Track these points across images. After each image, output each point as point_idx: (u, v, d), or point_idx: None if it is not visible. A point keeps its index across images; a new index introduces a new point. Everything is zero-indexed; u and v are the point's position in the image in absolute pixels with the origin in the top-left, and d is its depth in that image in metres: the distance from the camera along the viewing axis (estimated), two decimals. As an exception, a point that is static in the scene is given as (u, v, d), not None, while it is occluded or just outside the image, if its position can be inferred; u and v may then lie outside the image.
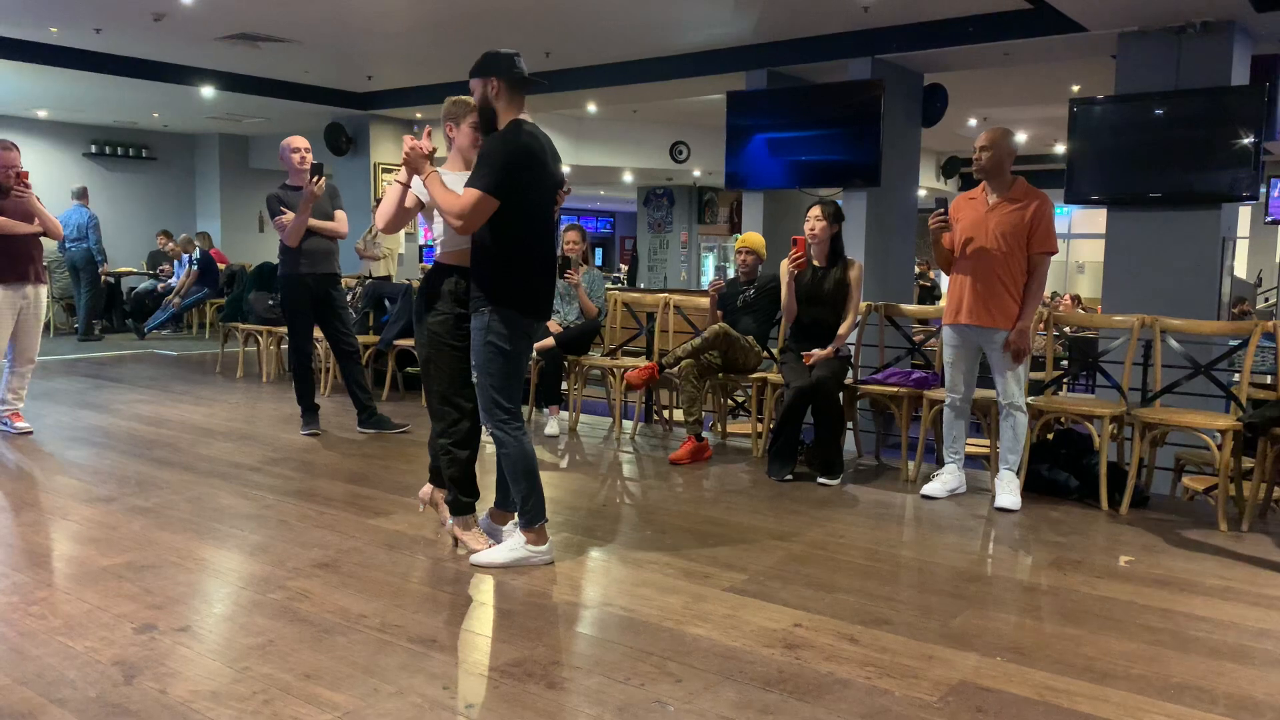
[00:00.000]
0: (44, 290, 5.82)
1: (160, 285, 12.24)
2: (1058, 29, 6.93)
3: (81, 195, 11.14)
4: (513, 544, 3.54)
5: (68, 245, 10.88)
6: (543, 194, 3.44)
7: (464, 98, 3.60)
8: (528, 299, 3.44)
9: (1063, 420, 4.91)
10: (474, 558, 3.56)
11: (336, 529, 3.97)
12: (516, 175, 3.30)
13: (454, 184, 3.42)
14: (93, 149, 13.54)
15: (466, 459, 3.67)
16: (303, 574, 3.42)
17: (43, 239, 5.77)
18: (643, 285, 18.05)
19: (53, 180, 12.24)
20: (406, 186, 3.60)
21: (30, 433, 5.72)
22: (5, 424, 5.75)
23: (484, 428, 3.54)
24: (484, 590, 3.33)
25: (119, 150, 13.79)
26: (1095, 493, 4.52)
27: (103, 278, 11.53)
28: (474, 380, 3.47)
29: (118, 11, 7.82)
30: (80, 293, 11.08)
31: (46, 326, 11.55)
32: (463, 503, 3.68)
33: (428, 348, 3.63)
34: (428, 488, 3.98)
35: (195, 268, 11.57)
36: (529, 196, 3.37)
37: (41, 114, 12.61)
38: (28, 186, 5.56)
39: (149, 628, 2.92)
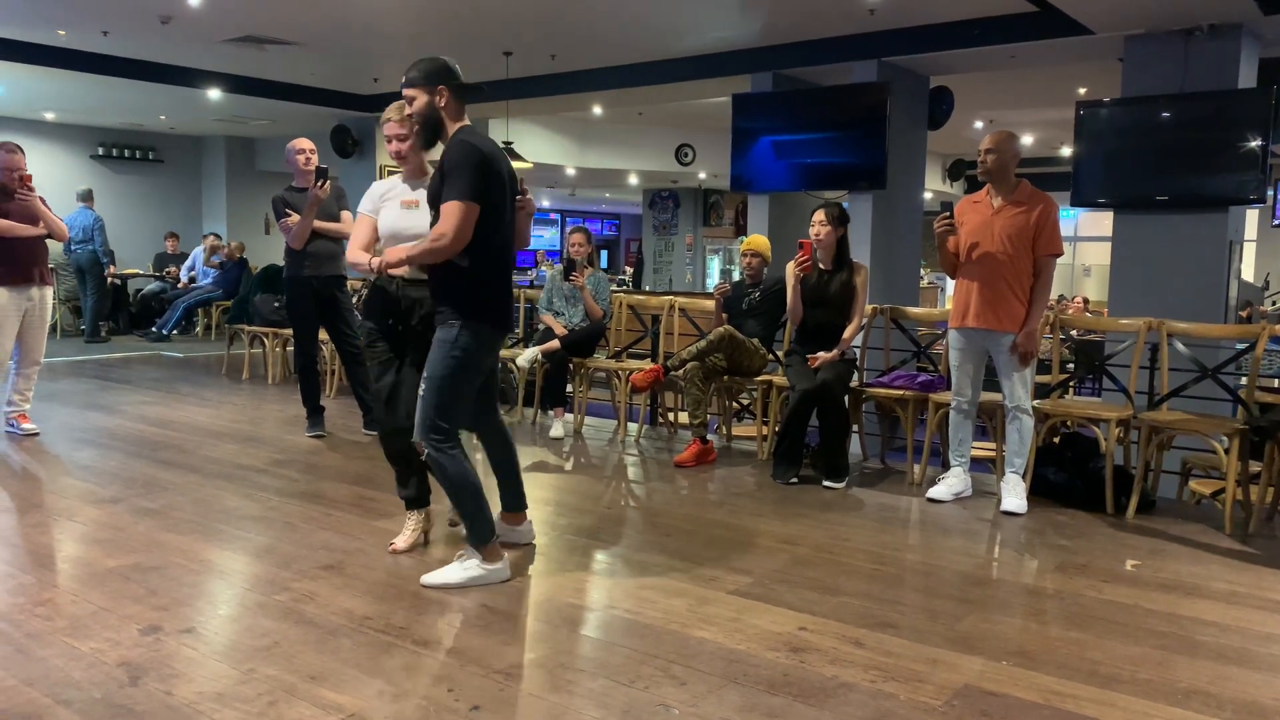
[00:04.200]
0: (49, 292, 5.83)
1: (184, 281, 12.26)
2: (1064, 32, 6.91)
3: (87, 197, 11.18)
4: (466, 564, 3.37)
5: (74, 247, 10.91)
6: (505, 200, 3.31)
7: None
8: (498, 313, 3.36)
9: (1069, 424, 4.90)
10: (425, 578, 3.37)
11: (341, 531, 3.98)
12: (485, 183, 3.18)
13: (419, 195, 3.45)
14: (100, 151, 13.58)
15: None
16: (308, 576, 3.42)
17: (49, 241, 5.79)
18: (648, 288, 18.05)
19: (60, 182, 12.27)
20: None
21: (37, 434, 5.73)
22: (12, 425, 5.77)
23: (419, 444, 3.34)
24: (488, 593, 3.33)
25: (126, 152, 13.83)
26: (1101, 497, 4.50)
27: (109, 280, 11.56)
28: (419, 393, 3.29)
29: (125, 14, 7.85)
30: (87, 295, 11.11)
31: (53, 328, 11.61)
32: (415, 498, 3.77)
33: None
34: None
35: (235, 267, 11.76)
36: (494, 204, 3.24)
37: (49, 116, 12.65)
38: (31, 189, 5.57)
39: (154, 629, 2.93)
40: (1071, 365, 7.88)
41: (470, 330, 3.25)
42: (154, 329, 11.59)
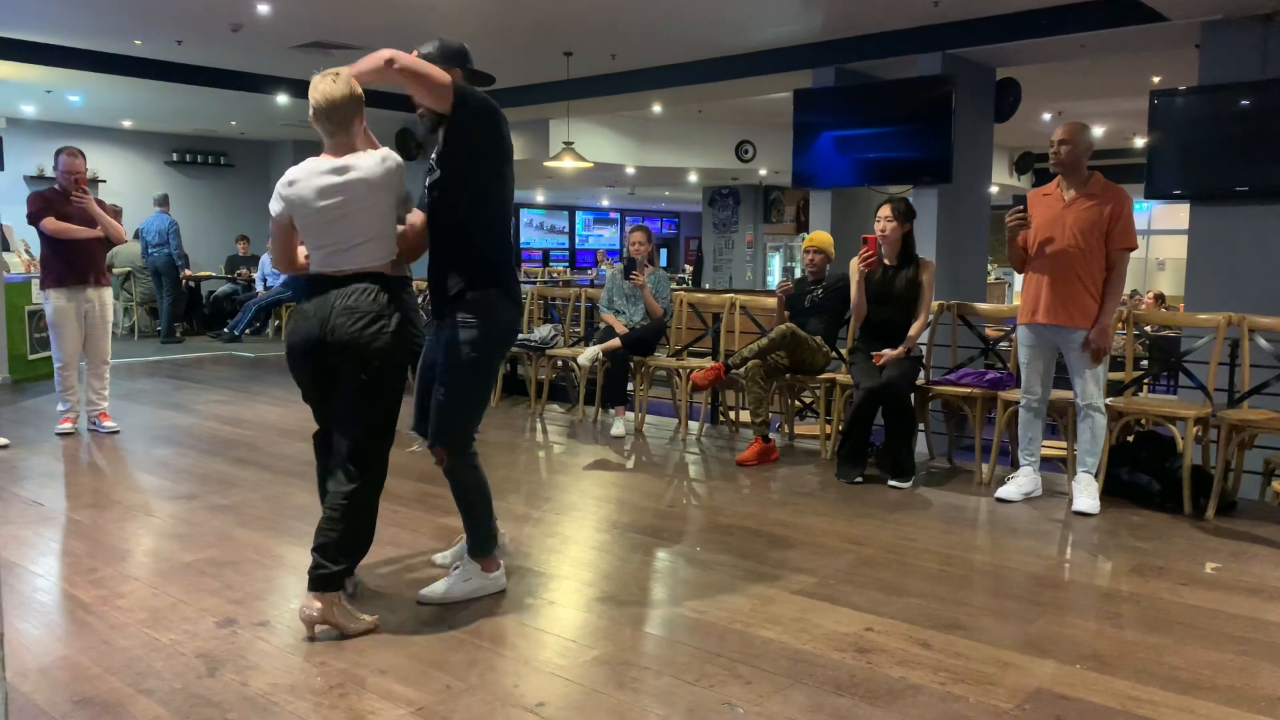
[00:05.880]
0: (108, 293, 5.95)
1: (260, 290, 12.51)
2: (1137, 19, 6.72)
3: (163, 202, 11.52)
4: (466, 575, 3.22)
5: (150, 251, 11.27)
6: (508, 168, 3.19)
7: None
8: (514, 283, 3.15)
9: (1144, 422, 4.76)
10: (423, 593, 3.18)
11: (408, 527, 4.04)
12: (497, 128, 3.08)
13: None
14: (174, 157, 13.99)
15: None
16: (376, 571, 3.47)
17: (126, 246, 5.94)
18: (708, 286, 18.00)
19: (137, 188, 12.72)
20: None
21: (117, 431, 5.92)
22: (95, 423, 5.97)
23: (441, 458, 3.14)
24: (554, 590, 3.35)
25: (199, 158, 14.23)
26: (1178, 497, 4.37)
27: (184, 282, 11.90)
28: (440, 401, 3.09)
29: (198, 23, 8.07)
30: (162, 297, 11.45)
31: (130, 330, 12.01)
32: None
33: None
34: None
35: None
36: (504, 158, 3.15)
37: (126, 124, 13.07)
38: (85, 193, 5.70)
39: (230, 622, 3.00)
40: (1145, 362, 7.66)
41: (494, 320, 3.08)
42: (226, 329, 11.89)
